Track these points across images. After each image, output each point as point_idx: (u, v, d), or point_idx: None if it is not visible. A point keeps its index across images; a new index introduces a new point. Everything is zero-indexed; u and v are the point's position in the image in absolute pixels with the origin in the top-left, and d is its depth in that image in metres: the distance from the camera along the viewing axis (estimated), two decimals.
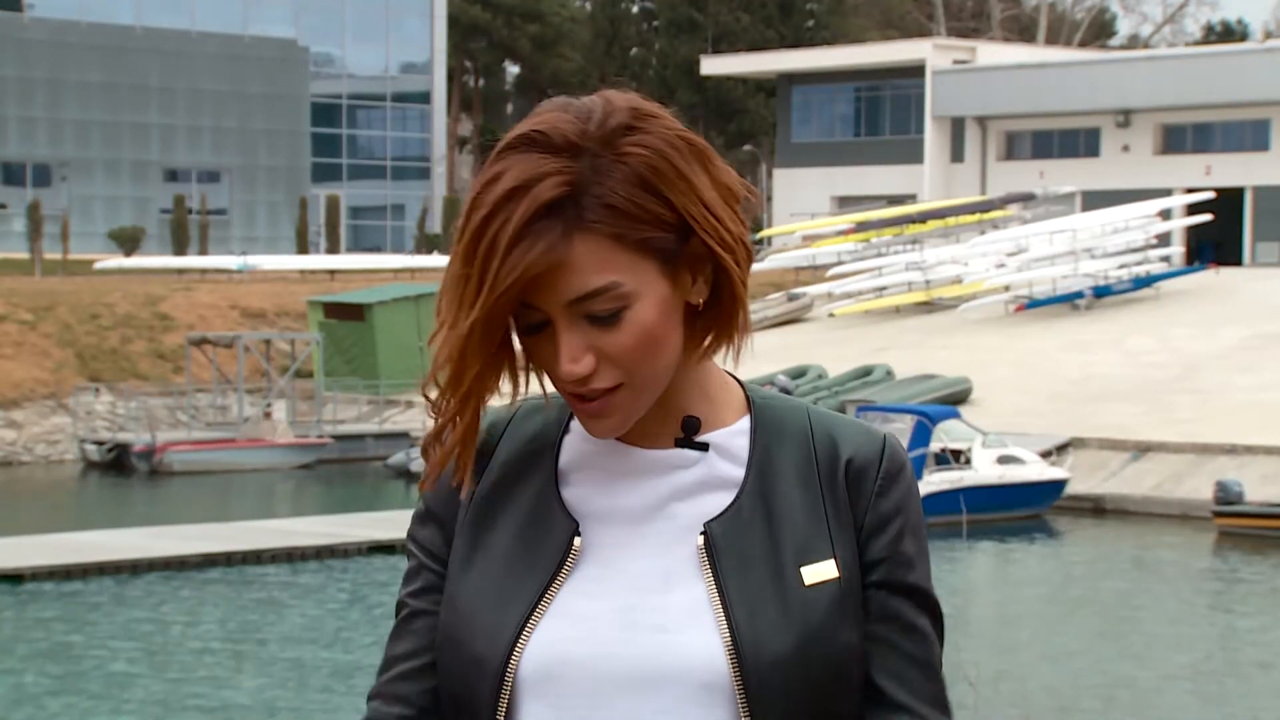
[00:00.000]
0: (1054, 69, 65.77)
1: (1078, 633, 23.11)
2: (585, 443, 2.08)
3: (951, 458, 32.56)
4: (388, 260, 63.91)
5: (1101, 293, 49.59)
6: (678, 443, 2.07)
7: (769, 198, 71.55)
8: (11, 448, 42.71)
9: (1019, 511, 32.56)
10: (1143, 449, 35.17)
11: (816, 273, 55.26)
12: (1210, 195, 55.58)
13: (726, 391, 2.10)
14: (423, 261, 61.19)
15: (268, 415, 42.88)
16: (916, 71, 67.12)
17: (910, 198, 64.71)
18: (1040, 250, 51.07)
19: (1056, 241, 51.38)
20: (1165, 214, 54.66)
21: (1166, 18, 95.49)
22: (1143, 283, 50.48)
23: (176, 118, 73.03)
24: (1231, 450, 34.32)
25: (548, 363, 1.99)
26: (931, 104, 66.53)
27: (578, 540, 2.04)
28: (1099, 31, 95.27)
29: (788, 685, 1.99)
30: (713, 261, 1.99)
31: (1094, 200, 59.51)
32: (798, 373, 42.21)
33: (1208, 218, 55.91)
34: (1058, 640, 22.60)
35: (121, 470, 41.07)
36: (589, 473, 2.07)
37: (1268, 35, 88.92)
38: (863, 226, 57.23)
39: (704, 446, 2.07)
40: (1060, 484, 33.23)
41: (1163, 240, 55.76)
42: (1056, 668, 20.92)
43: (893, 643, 2.06)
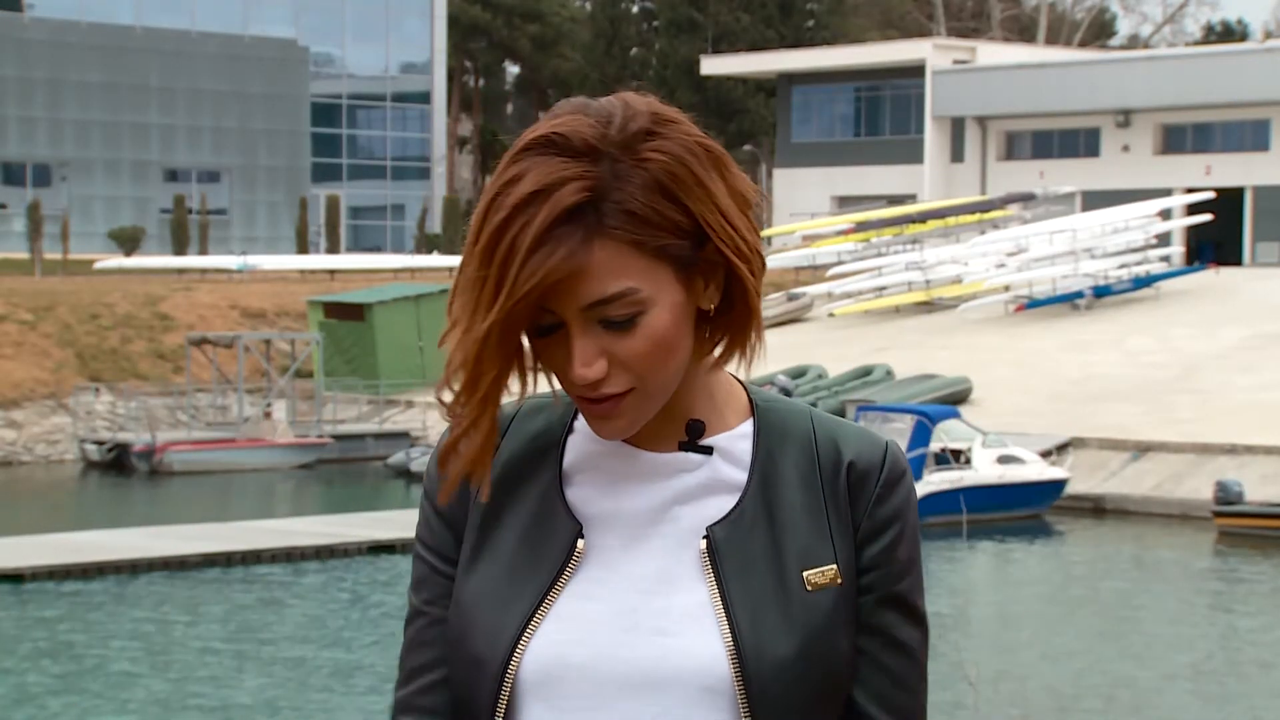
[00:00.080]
0: (1054, 69, 65.76)
1: (1078, 633, 23.11)
2: (590, 443, 2.07)
3: (951, 458, 32.56)
4: (388, 260, 63.86)
5: (1101, 293, 49.57)
6: (681, 446, 2.06)
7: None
8: (11, 448, 42.70)
9: (1019, 511, 32.56)
10: (1143, 449, 35.16)
11: (816, 273, 55.26)
12: (1210, 195, 55.58)
13: (730, 394, 2.10)
14: (423, 261, 61.17)
15: (268, 415, 42.87)
16: (916, 71, 67.12)
17: (910, 198, 64.71)
18: (1040, 250, 51.06)
19: (1056, 241, 51.37)
20: (1165, 214, 54.65)
21: (1166, 18, 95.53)
22: (1143, 283, 50.47)
23: (176, 118, 73.02)
24: (1231, 450, 34.32)
25: (559, 366, 1.97)
26: (931, 104, 66.52)
27: (581, 542, 2.03)
28: (1099, 31, 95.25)
29: (789, 689, 1.99)
30: (725, 268, 1.98)
31: (1094, 200, 59.51)
32: (798, 373, 42.18)
33: (1208, 218, 55.91)
34: (1058, 640, 22.60)
35: (121, 470, 41.06)
36: (593, 474, 2.06)
37: (1268, 35, 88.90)
38: (863, 226, 57.23)
39: (708, 450, 2.06)
40: (1060, 484, 33.23)
41: (1163, 240, 55.76)
42: (1056, 667, 20.92)
43: (875, 658, 2.05)
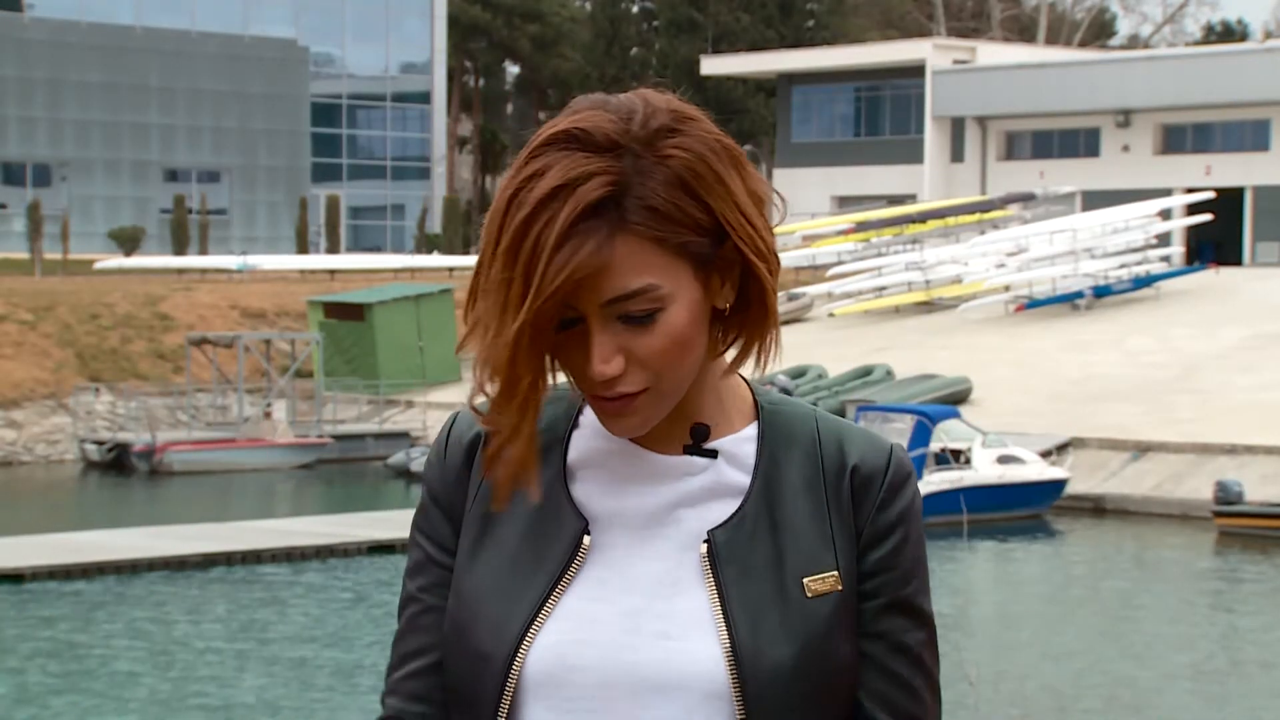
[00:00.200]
0: (1054, 69, 65.76)
1: (1078, 632, 23.11)
2: (595, 441, 2.06)
3: (951, 458, 32.56)
4: (388, 260, 63.85)
5: (1101, 293, 49.57)
6: (687, 450, 2.05)
7: None
8: (11, 448, 42.70)
9: (1019, 511, 32.56)
10: (1143, 449, 35.16)
11: (816, 273, 55.24)
12: (1210, 195, 55.57)
13: (737, 397, 2.09)
14: (423, 261, 61.19)
15: (268, 415, 42.86)
16: (916, 71, 67.12)
17: (910, 198, 64.71)
18: (1040, 250, 51.05)
19: (1056, 241, 51.37)
20: (1165, 214, 54.64)
21: (1166, 18, 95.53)
22: (1143, 283, 50.46)
23: (176, 118, 73.01)
24: (1231, 450, 34.32)
25: (575, 362, 1.96)
26: (931, 104, 66.52)
27: (586, 539, 2.02)
28: (1099, 31, 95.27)
29: (787, 695, 1.98)
30: (740, 266, 1.98)
31: (1094, 200, 59.51)
32: (798, 373, 42.17)
33: (1208, 218, 55.91)
34: (1058, 640, 22.60)
35: (121, 470, 41.05)
36: (596, 472, 2.05)
37: (1268, 35, 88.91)
38: (863, 226, 57.22)
39: (713, 454, 2.05)
40: (1060, 484, 33.23)
41: (1163, 240, 55.76)
42: (1057, 667, 20.92)
43: (880, 662, 2.04)
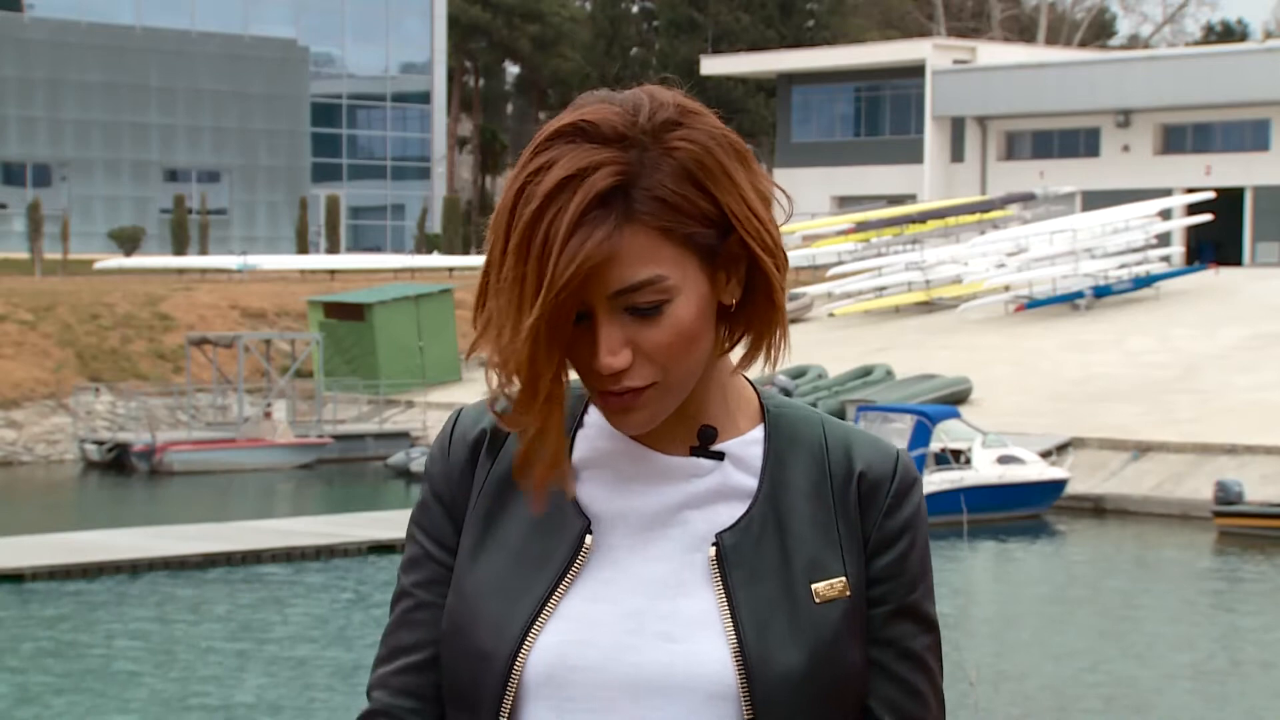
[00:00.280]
0: (1054, 69, 65.76)
1: (1078, 632, 23.10)
2: (599, 441, 2.05)
3: (951, 458, 32.55)
4: (388, 260, 63.87)
5: (1101, 293, 49.57)
6: (693, 452, 2.04)
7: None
8: (11, 448, 42.70)
9: (1019, 511, 32.55)
10: (1143, 449, 35.16)
11: (816, 273, 55.24)
12: (1210, 195, 55.56)
13: (742, 397, 2.08)
14: (423, 261, 61.19)
15: (268, 415, 42.85)
16: (916, 71, 67.13)
17: (910, 198, 64.71)
18: (1040, 250, 51.05)
19: (1056, 241, 51.36)
20: (1165, 214, 54.63)
21: (1166, 18, 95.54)
22: (1143, 283, 50.46)
23: (176, 118, 73.02)
24: (1231, 450, 34.31)
25: (581, 356, 1.94)
26: (931, 104, 66.53)
27: (589, 539, 2.01)
28: (1099, 31, 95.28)
29: (795, 700, 1.98)
30: (747, 262, 1.97)
31: (1094, 200, 59.51)
32: (798, 373, 42.15)
33: (1208, 218, 55.91)
34: (1058, 640, 22.59)
35: (121, 470, 41.05)
36: (601, 472, 2.04)
37: (1268, 35, 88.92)
38: (863, 226, 57.22)
39: (719, 456, 2.04)
40: (1060, 484, 33.22)
41: (1163, 240, 55.75)
42: (1057, 667, 20.91)
43: (889, 668, 2.05)
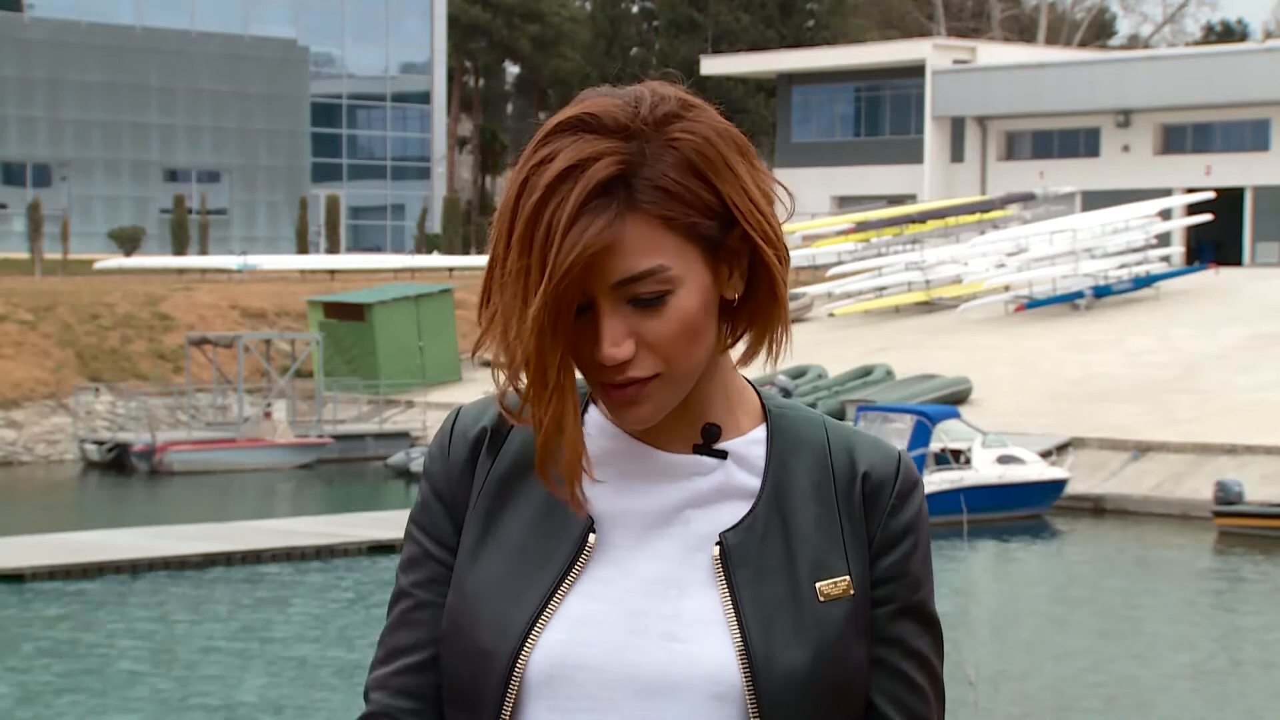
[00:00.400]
0: (1054, 69, 65.76)
1: (1079, 632, 23.10)
2: (600, 439, 2.04)
3: (951, 458, 32.55)
4: (388, 260, 63.87)
5: (1101, 293, 49.57)
6: (697, 450, 2.04)
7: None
8: (11, 448, 42.70)
9: (1019, 511, 32.55)
10: (1143, 449, 35.16)
11: (816, 273, 55.24)
12: (1210, 195, 55.57)
13: (744, 397, 2.08)
14: (423, 261, 61.20)
15: (268, 415, 42.85)
16: (916, 71, 67.13)
17: (910, 198, 64.71)
18: (1040, 250, 51.05)
19: (1056, 241, 51.36)
20: (1165, 214, 54.64)
21: (1166, 18, 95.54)
22: (1143, 283, 50.46)
23: (176, 118, 73.02)
24: (1231, 450, 34.31)
25: (585, 348, 1.94)
26: (931, 104, 66.53)
27: (592, 537, 2.01)
28: (1099, 31, 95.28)
29: (801, 699, 1.98)
30: (749, 256, 1.97)
31: (1094, 200, 59.51)
32: (798, 373, 42.15)
33: (1208, 218, 55.91)
34: (1059, 640, 22.59)
35: (121, 470, 41.04)
36: (602, 470, 2.03)
37: (1268, 35, 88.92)
38: (863, 226, 57.22)
39: (723, 454, 2.04)
40: (1060, 484, 33.22)
41: (1163, 240, 55.75)
42: (1057, 667, 20.91)
43: (893, 666, 2.05)
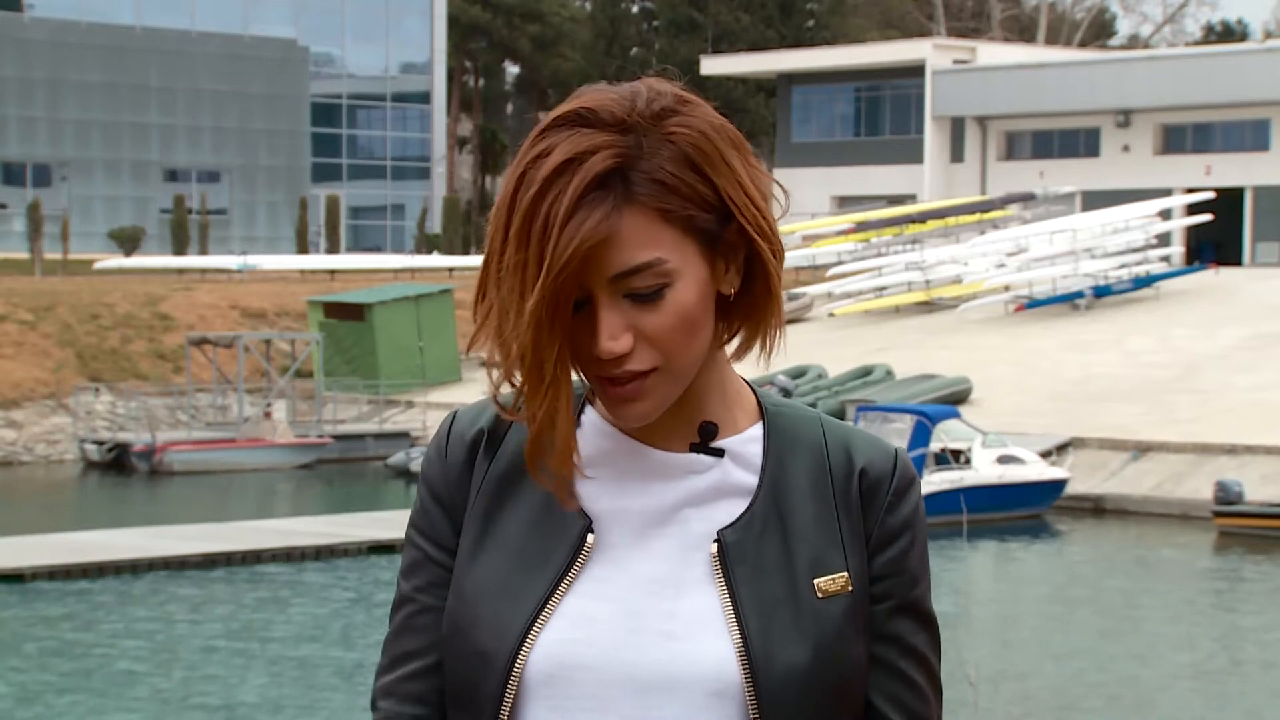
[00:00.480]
0: (1054, 69, 65.76)
1: (1079, 632, 23.10)
2: (598, 439, 2.05)
3: (951, 458, 32.55)
4: (388, 260, 63.87)
5: (1101, 293, 49.57)
6: (694, 448, 2.04)
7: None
8: (11, 448, 42.70)
9: (1019, 511, 32.55)
10: (1143, 449, 35.16)
11: (816, 273, 55.24)
12: (1210, 195, 55.57)
13: (740, 395, 2.08)
14: (423, 261, 61.20)
15: (268, 415, 42.85)
16: (916, 71, 67.13)
17: (910, 198, 64.71)
18: (1040, 250, 51.05)
19: (1056, 241, 51.36)
20: (1165, 214, 54.63)
21: (1166, 18, 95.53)
22: (1143, 283, 50.46)
23: (176, 118, 73.02)
24: (1231, 450, 34.31)
25: (583, 343, 1.95)
26: (931, 104, 66.53)
27: (590, 537, 2.01)
28: (1099, 31, 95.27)
29: (800, 697, 1.98)
30: (746, 251, 1.98)
31: (1094, 200, 59.51)
32: (798, 373, 42.15)
33: (1208, 218, 55.91)
34: (1059, 639, 22.59)
35: (121, 470, 41.04)
36: (599, 470, 2.03)
37: (1268, 35, 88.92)
38: (863, 226, 57.21)
39: (720, 452, 2.05)
40: (1060, 484, 33.22)
41: (1163, 240, 55.75)
42: (1057, 667, 20.91)
43: (890, 664, 2.06)
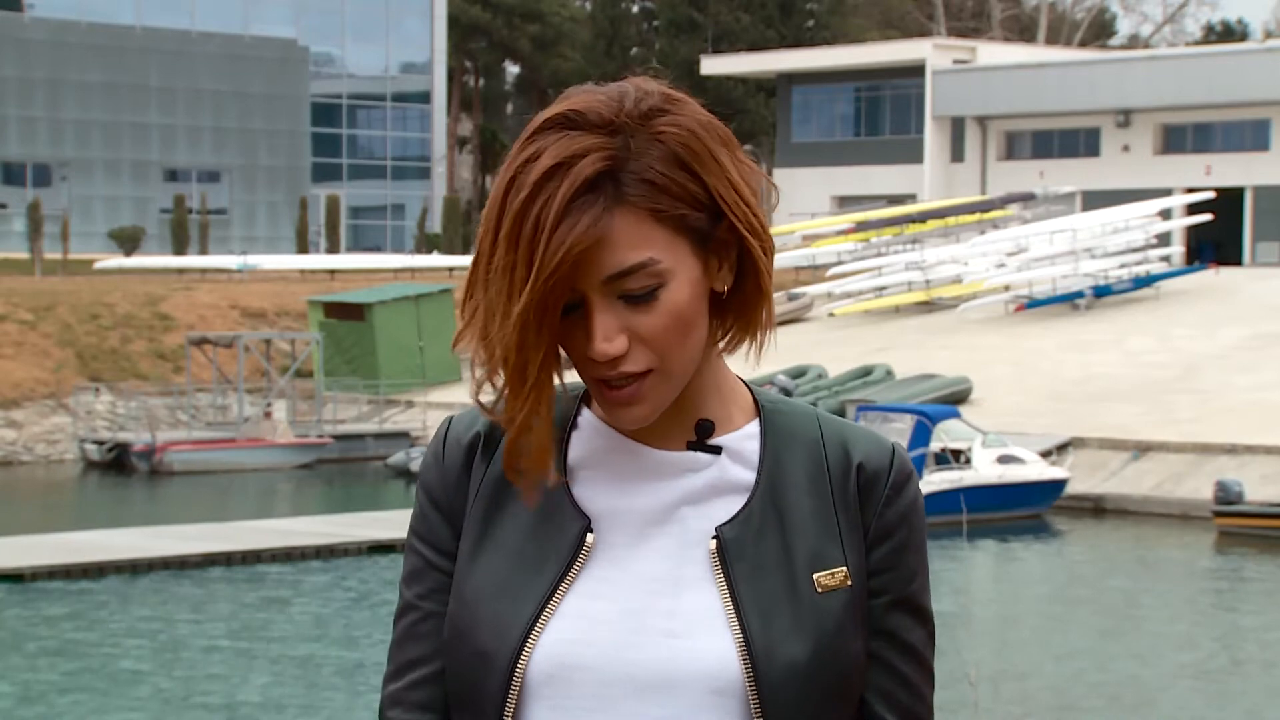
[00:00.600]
0: (1054, 69, 65.76)
1: (1079, 632, 23.10)
2: (595, 440, 2.05)
3: (951, 457, 32.55)
4: (388, 260, 63.86)
5: (1101, 292, 49.57)
6: (690, 446, 2.04)
7: None
8: (11, 448, 42.70)
9: (1019, 511, 32.55)
10: (1143, 449, 35.16)
11: (816, 273, 55.25)
12: (1210, 195, 55.58)
13: (736, 393, 2.08)
14: (423, 261, 61.20)
15: (268, 415, 42.86)
16: (916, 71, 67.13)
17: (910, 198, 64.72)
18: (1040, 250, 51.06)
19: (1056, 241, 51.37)
20: (1165, 214, 54.65)
21: (1166, 18, 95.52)
22: (1143, 282, 50.46)
23: (176, 118, 73.02)
24: (1231, 450, 34.31)
25: (577, 345, 1.95)
26: (931, 104, 66.53)
27: (590, 537, 2.01)
28: (1099, 31, 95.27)
29: (801, 692, 1.98)
30: (738, 248, 1.99)
31: (1094, 200, 59.51)
32: (798, 373, 42.17)
33: (1208, 218, 55.91)
34: (1059, 639, 22.60)
35: (121, 470, 41.04)
36: (597, 470, 2.04)
37: (1268, 35, 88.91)
38: (863, 226, 57.21)
39: (716, 450, 2.05)
40: (1060, 484, 33.22)
41: (1163, 240, 55.76)
42: (1058, 667, 20.91)
43: (885, 660, 2.06)
